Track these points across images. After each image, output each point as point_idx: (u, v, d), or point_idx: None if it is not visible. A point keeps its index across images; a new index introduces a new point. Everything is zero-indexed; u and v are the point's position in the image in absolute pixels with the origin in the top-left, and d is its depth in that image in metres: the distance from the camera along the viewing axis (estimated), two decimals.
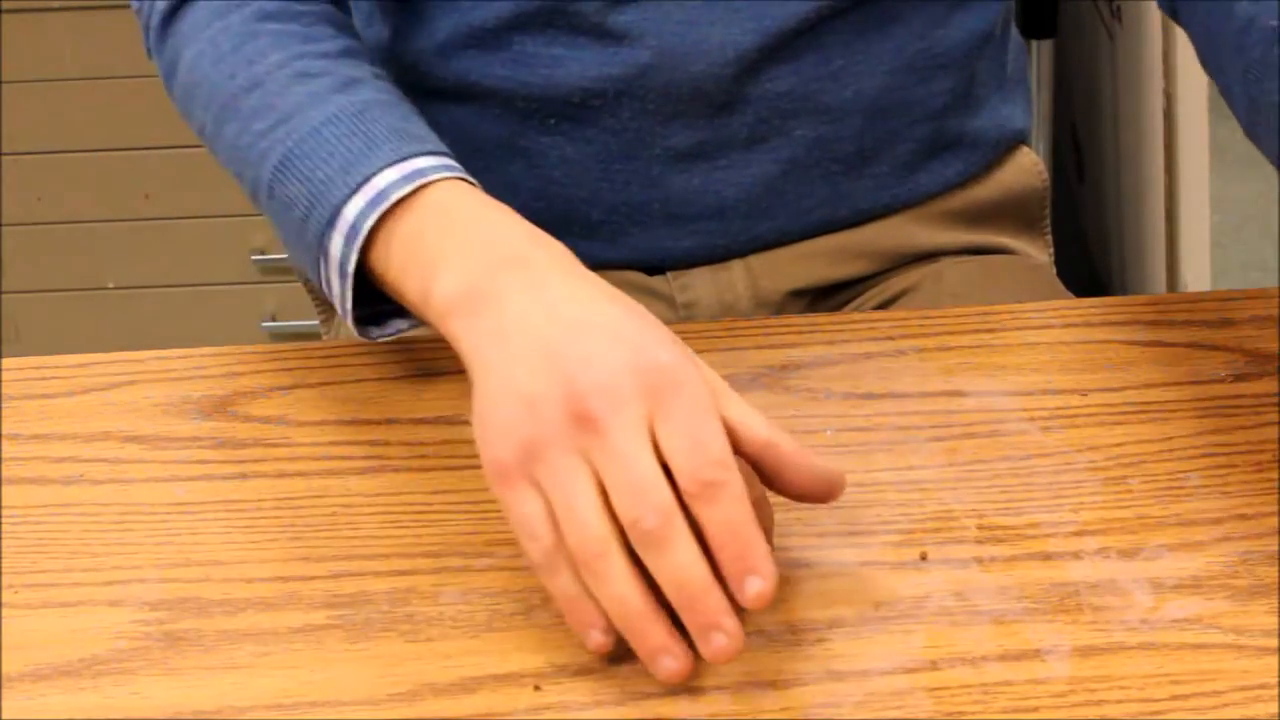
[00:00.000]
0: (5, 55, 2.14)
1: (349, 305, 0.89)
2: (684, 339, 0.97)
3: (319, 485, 0.88)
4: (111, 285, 2.25)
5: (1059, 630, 0.77)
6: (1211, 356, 0.94)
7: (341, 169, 0.88)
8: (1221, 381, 0.92)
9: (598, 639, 0.74)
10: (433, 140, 0.90)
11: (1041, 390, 0.92)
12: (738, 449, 0.76)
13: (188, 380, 0.96)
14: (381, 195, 0.86)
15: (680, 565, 0.72)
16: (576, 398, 0.74)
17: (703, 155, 1.04)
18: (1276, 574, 0.80)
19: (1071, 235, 1.86)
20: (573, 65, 1.02)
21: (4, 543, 0.85)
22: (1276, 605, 0.78)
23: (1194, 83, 1.56)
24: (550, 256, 0.82)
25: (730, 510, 0.72)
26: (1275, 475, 0.86)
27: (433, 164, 0.88)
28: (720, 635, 0.72)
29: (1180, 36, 1.55)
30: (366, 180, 0.87)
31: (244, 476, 0.89)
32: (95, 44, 2.13)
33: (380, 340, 0.92)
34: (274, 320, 2.25)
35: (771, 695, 0.75)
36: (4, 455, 0.91)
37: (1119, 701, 0.74)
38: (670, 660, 0.73)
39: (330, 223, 0.88)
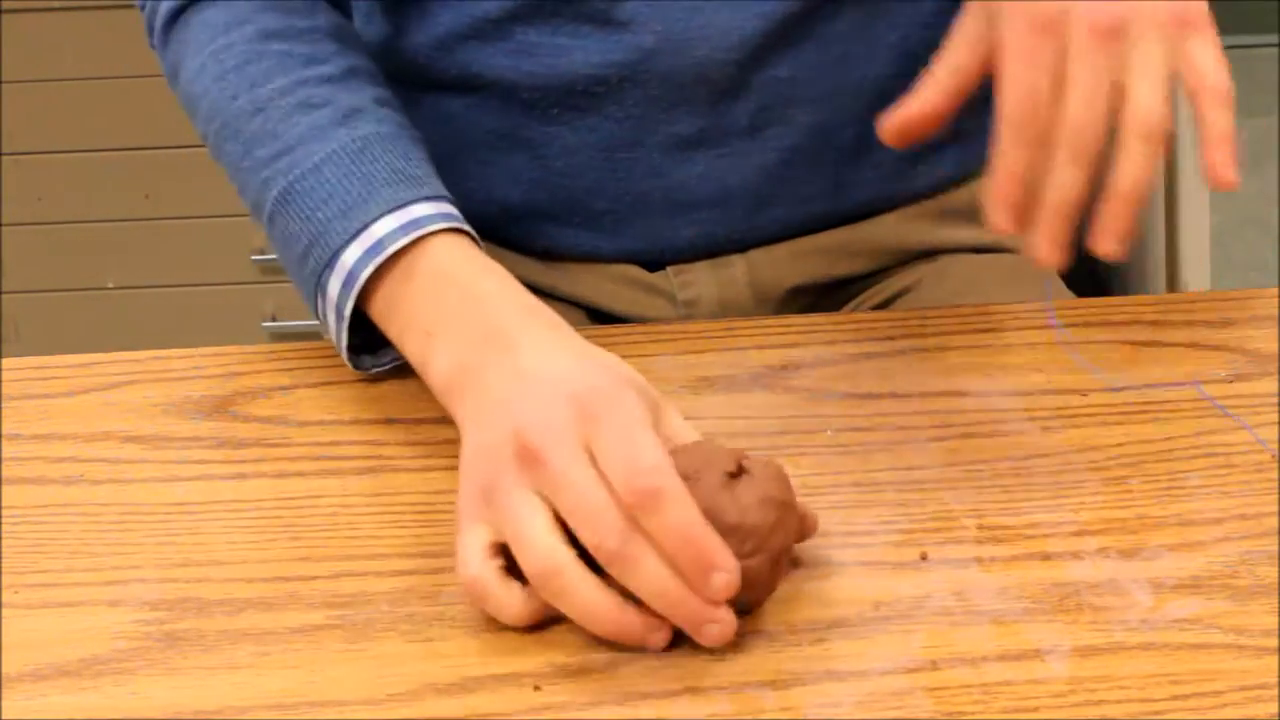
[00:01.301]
0: (5, 55, 2.14)
1: (344, 343, 0.92)
2: (684, 339, 0.97)
3: (319, 485, 0.88)
4: (111, 285, 2.25)
5: (1059, 630, 0.77)
6: (1211, 356, 0.94)
7: (340, 212, 0.91)
8: (1221, 381, 0.92)
9: (661, 638, 0.76)
10: (431, 182, 0.92)
11: (1041, 390, 0.92)
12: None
13: (188, 380, 0.96)
14: (379, 245, 0.89)
15: (651, 578, 0.74)
16: (519, 436, 0.77)
17: (705, 143, 1.04)
18: (1276, 574, 0.80)
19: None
20: (576, 54, 1.02)
21: (4, 543, 0.85)
22: (1276, 605, 0.78)
23: None
24: (535, 329, 0.85)
25: (672, 515, 0.74)
26: (1275, 475, 0.86)
27: (430, 212, 0.90)
28: (713, 627, 0.75)
29: None
30: (365, 228, 0.90)
31: (244, 476, 0.89)
32: (95, 44, 2.14)
33: (376, 368, 0.94)
34: (274, 320, 2.25)
35: (771, 695, 0.75)
36: (4, 455, 0.91)
37: (1119, 701, 0.74)
38: (658, 637, 0.75)
39: (329, 265, 0.91)
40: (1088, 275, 1.81)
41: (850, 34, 1.03)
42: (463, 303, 0.87)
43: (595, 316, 1.08)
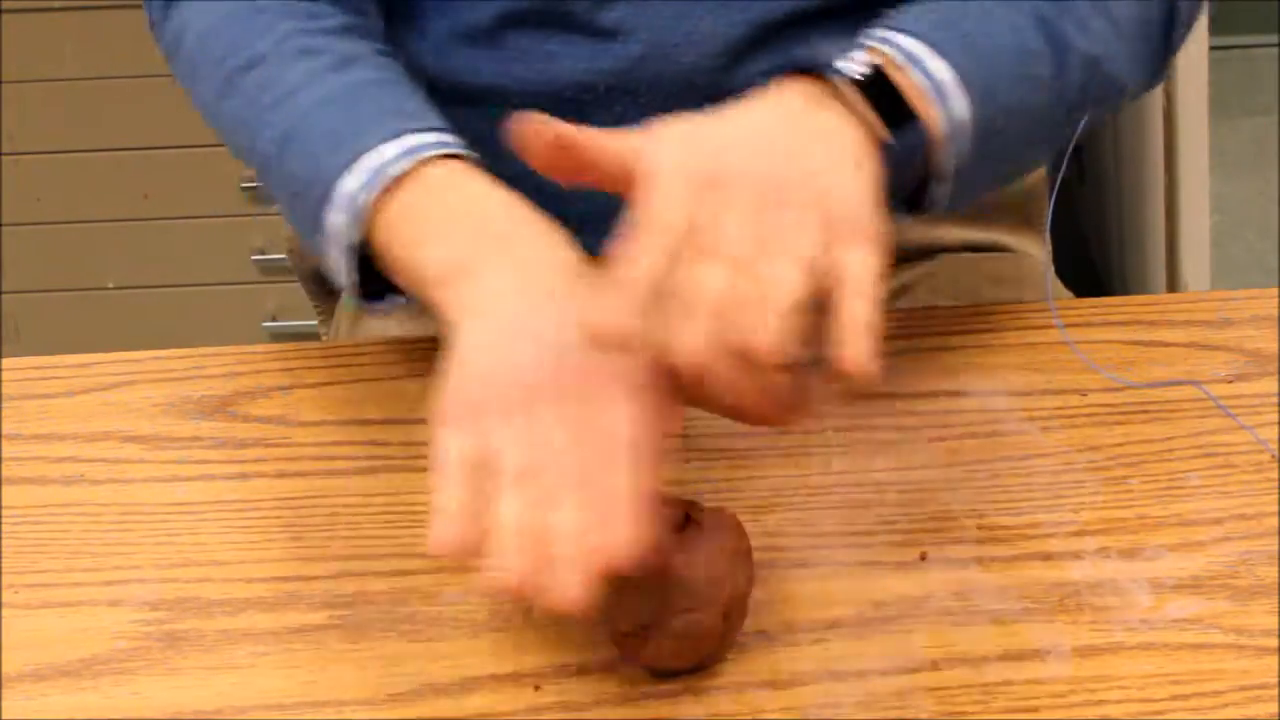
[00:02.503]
0: (5, 55, 2.14)
1: (353, 278, 0.90)
2: None
3: (319, 485, 0.88)
4: (111, 285, 2.25)
5: (1059, 630, 0.77)
6: (1211, 356, 0.94)
7: (334, 146, 0.90)
8: (1221, 381, 0.92)
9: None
10: (430, 116, 0.92)
11: (1041, 390, 0.92)
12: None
13: (188, 380, 0.96)
14: (378, 171, 0.88)
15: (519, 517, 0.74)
16: (512, 385, 0.79)
17: None
18: (1276, 574, 0.80)
19: (1071, 235, 1.85)
20: (565, 61, 1.02)
21: (4, 543, 0.85)
22: (1276, 605, 0.78)
23: (1194, 83, 1.56)
24: (533, 236, 0.86)
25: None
26: (1275, 475, 0.86)
27: (429, 140, 0.90)
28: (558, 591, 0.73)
29: None
30: (358, 157, 0.89)
31: (244, 476, 0.89)
32: (95, 44, 2.13)
33: (380, 312, 0.94)
34: (274, 320, 2.25)
35: (771, 695, 0.75)
36: (4, 455, 0.91)
37: (1119, 701, 0.74)
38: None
39: (326, 199, 0.89)
40: (1088, 275, 1.81)
41: (835, 40, 1.03)
42: (461, 207, 0.87)
43: None
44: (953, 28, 0.90)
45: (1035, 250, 1.18)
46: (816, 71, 0.87)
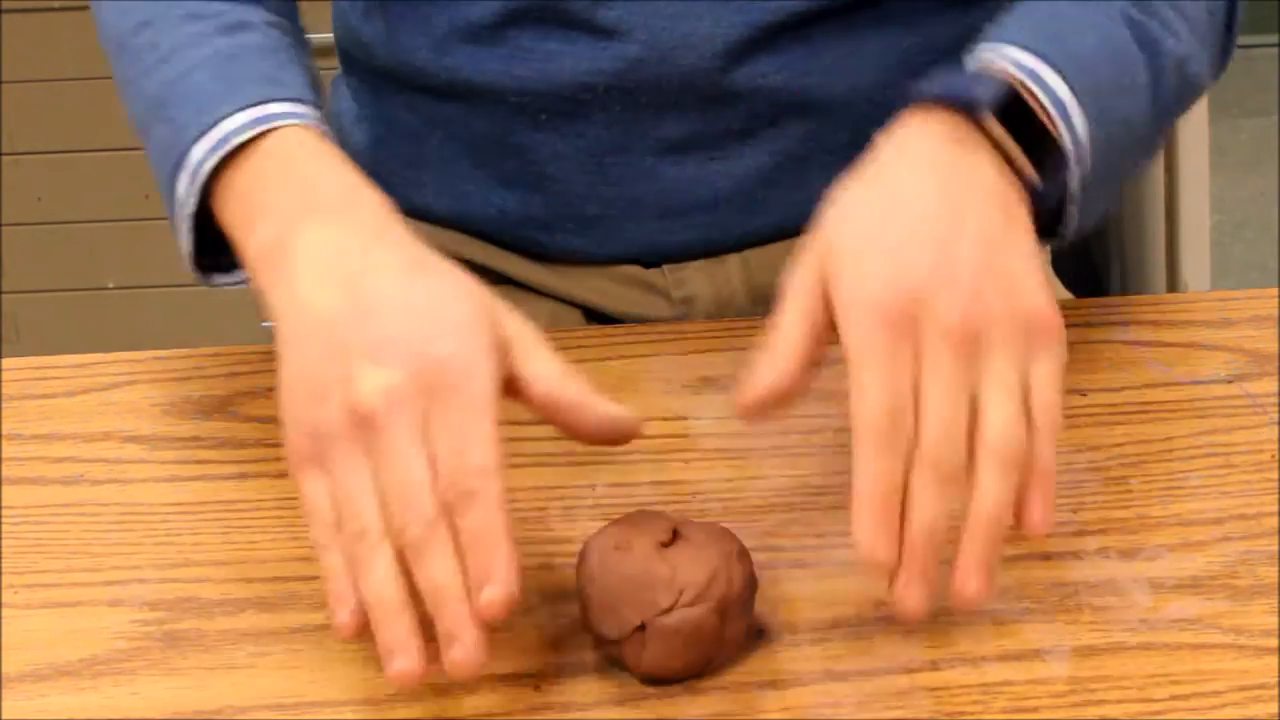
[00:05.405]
0: (5, 55, 2.14)
1: (188, 247, 0.90)
2: (683, 338, 0.97)
3: None
4: (111, 285, 2.25)
5: (1059, 630, 0.77)
6: (1211, 356, 0.94)
7: (196, 112, 0.89)
8: (1221, 381, 0.92)
9: (344, 618, 0.74)
10: (297, 87, 0.91)
11: None
12: (528, 403, 0.78)
13: (188, 380, 0.96)
14: (225, 139, 0.87)
15: (434, 573, 0.72)
16: (358, 396, 0.75)
17: (696, 146, 1.04)
18: (1276, 574, 0.80)
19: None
20: (566, 60, 1.02)
21: (4, 543, 0.85)
22: (1276, 605, 0.78)
23: None
24: (362, 211, 0.83)
25: (479, 518, 0.72)
26: (1275, 475, 0.86)
27: (284, 110, 0.89)
28: (458, 646, 0.72)
29: None
30: (215, 124, 0.88)
31: (244, 476, 0.89)
32: (95, 44, 2.13)
33: (225, 287, 0.93)
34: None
35: (771, 695, 0.75)
36: (4, 455, 0.91)
37: (1119, 701, 0.74)
38: (402, 659, 0.72)
39: (179, 164, 0.89)
40: (1088, 275, 1.81)
41: (836, 43, 1.03)
42: (294, 179, 0.85)
43: (592, 316, 1.08)
44: (1058, 40, 0.87)
45: None
46: (950, 102, 0.83)
